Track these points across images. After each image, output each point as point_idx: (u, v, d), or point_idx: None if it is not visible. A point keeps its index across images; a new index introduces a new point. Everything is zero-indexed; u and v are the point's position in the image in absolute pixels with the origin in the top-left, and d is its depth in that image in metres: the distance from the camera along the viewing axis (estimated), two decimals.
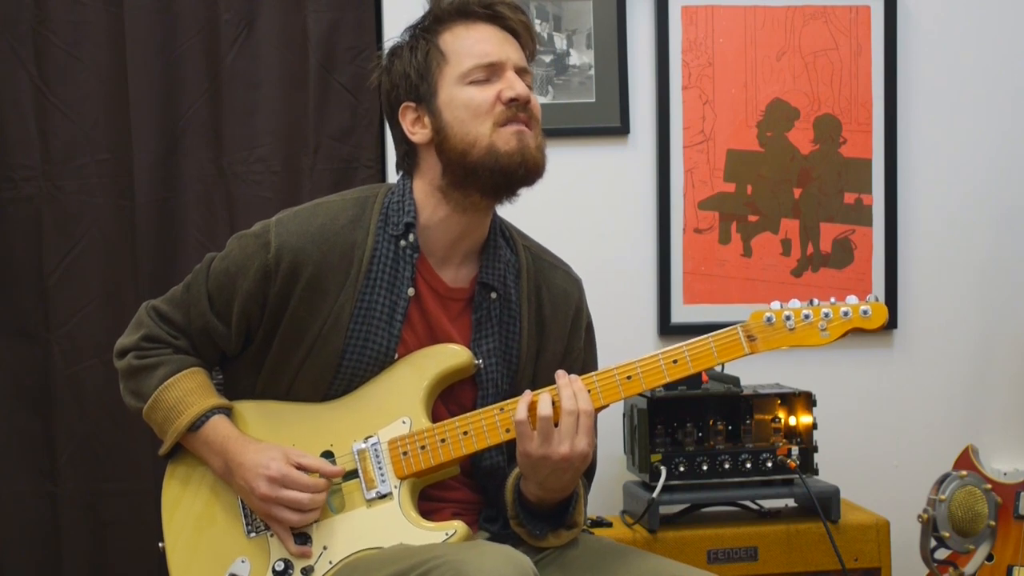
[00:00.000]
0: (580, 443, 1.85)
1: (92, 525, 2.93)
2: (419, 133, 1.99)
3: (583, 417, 1.85)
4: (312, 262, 1.94)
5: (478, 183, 1.94)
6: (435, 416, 1.98)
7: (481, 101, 1.93)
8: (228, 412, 2.01)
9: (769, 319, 1.89)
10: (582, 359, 2.10)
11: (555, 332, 2.08)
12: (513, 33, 2.00)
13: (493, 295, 2.03)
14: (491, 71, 1.95)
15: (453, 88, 1.95)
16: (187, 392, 1.99)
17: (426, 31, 2.00)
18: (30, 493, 2.93)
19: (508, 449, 2.02)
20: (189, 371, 2.01)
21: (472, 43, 1.96)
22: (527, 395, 1.89)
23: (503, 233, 2.08)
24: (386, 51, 2.06)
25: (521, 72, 1.97)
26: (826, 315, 1.90)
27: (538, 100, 2.00)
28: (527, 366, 2.04)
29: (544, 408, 1.85)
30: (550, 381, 1.92)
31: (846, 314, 1.90)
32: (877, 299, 1.92)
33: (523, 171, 1.94)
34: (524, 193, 2.00)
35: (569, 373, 1.91)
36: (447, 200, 1.98)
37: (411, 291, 1.98)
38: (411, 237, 1.98)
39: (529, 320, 2.05)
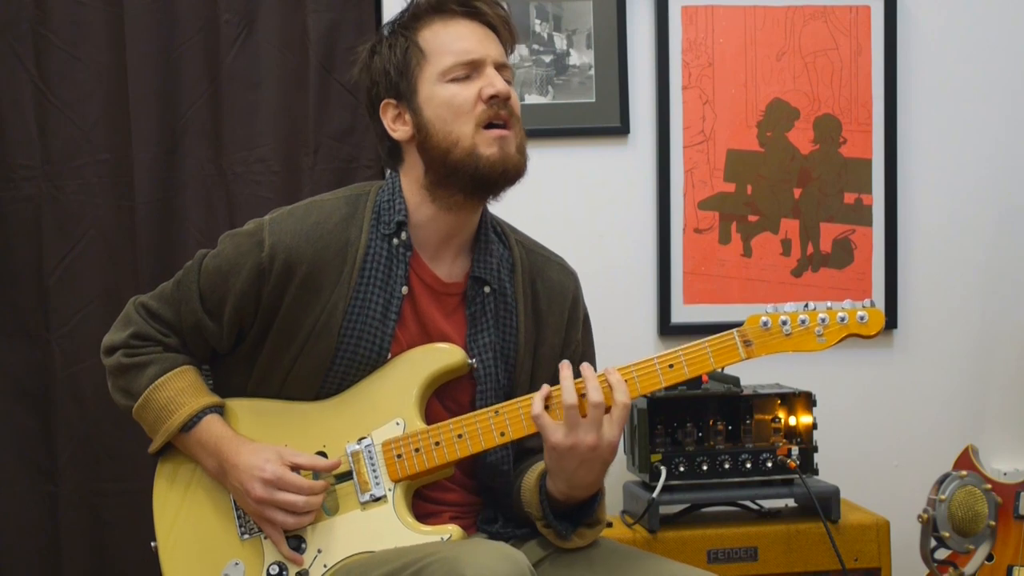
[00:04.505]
0: (609, 433, 1.83)
1: (92, 525, 2.94)
2: (400, 130, 1.99)
3: (617, 409, 1.83)
4: (306, 261, 1.94)
5: (459, 183, 1.94)
6: (431, 414, 1.98)
7: (463, 100, 1.93)
8: (220, 410, 2.00)
9: (765, 324, 1.88)
10: (580, 350, 2.10)
11: (552, 324, 2.08)
12: (492, 28, 2.00)
13: (487, 289, 2.02)
14: (471, 68, 1.95)
15: (433, 85, 1.95)
16: (178, 392, 1.98)
17: (405, 28, 2.01)
18: (30, 493, 2.94)
19: (514, 448, 2.02)
20: (180, 370, 2.01)
21: (451, 40, 1.97)
22: (545, 389, 1.87)
23: (495, 228, 2.08)
24: (366, 47, 2.06)
25: (500, 68, 1.98)
26: (823, 320, 1.88)
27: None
28: (525, 360, 2.04)
29: (569, 397, 1.83)
30: (549, 374, 1.93)
31: (843, 320, 1.88)
32: (874, 304, 1.90)
33: (504, 178, 1.95)
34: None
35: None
36: (433, 198, 1.98)
37: (404, 289, 1.98)
38: (403, 235, 1.98)
39: (525, 314, 2.05)
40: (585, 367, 1.87)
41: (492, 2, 2.02)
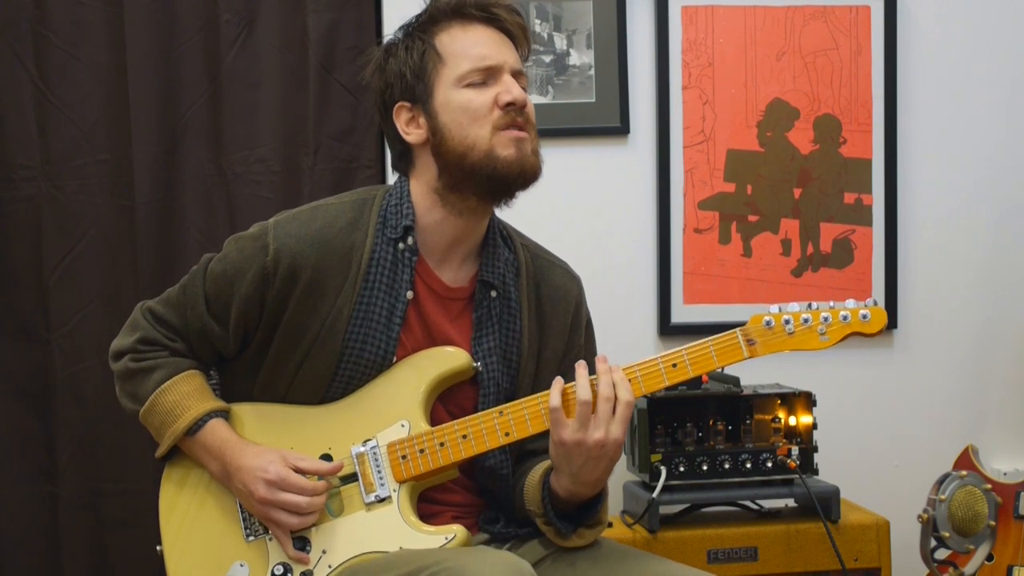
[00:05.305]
0: (615, 430, 1.84)
1: (92, 525, 2.94)
2: (414, 133, 1.99)
3: (620, 407, 1.85)
4: (310, 265, 1.94)
5: (475, 186, 1.94)
6: (434, 418, 1.98)
7: (479, 105, 1.93)
8: (225, 415, 2.00)
9: (768, 323, 1.89)
10: (583, 355, 2.09)
11: (556, 329, 2.08)
12: (509, 35, 2.01)
13: (493, 293, 2.03)
14: (488, 74, 1.95)
15: (450, 90, 1.95)
16: (184, 396, 1.98)
17: (422, 31, 2.00)
18: (30, 493, 2.94)
19: (513, 450, 2.02)
20: (186, 374, 2.01)
21: (469, 45, 1.96)
22: (559, 382, 1.88)
23: (501, 233, 2.09)
24: (380, 49, 2.05)
25: (517, 75, 1.98)
26: (825, 319, 1.89)
27: (534, 102, 2.00)
28: (528, 364, 2.04)
29: (584, 393, 1.84)
30: (551, 379, 1.92)
31: (845, 318, 1.89)
32: (876, 303, 1.91)
33: (521, 179, 1.95)
34: (524, 194, 2.00)
35: (570, 370, 1.91)
36: (444, 202, 1.98)
37: (410, 294, 1.97)
38: (410, 240, 1.98)
39: (529, 318, 2.05)
40: (600, 361, 1.88)
41: (510, 9, 2.01)
